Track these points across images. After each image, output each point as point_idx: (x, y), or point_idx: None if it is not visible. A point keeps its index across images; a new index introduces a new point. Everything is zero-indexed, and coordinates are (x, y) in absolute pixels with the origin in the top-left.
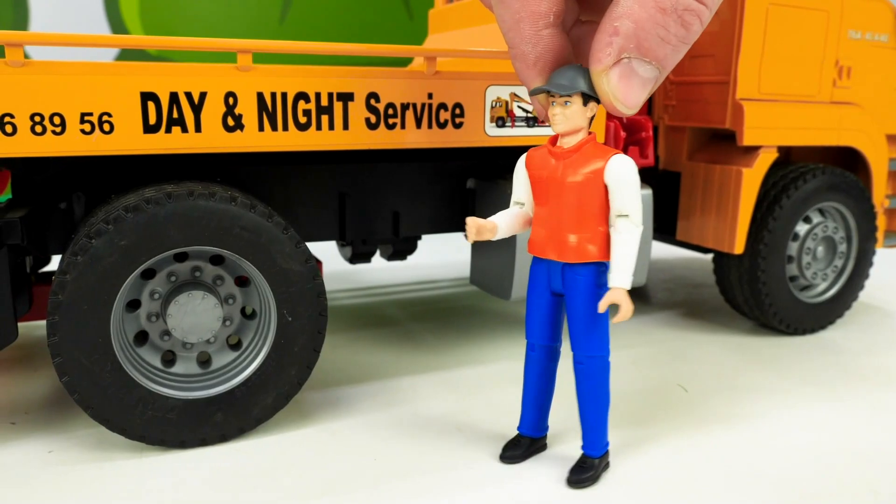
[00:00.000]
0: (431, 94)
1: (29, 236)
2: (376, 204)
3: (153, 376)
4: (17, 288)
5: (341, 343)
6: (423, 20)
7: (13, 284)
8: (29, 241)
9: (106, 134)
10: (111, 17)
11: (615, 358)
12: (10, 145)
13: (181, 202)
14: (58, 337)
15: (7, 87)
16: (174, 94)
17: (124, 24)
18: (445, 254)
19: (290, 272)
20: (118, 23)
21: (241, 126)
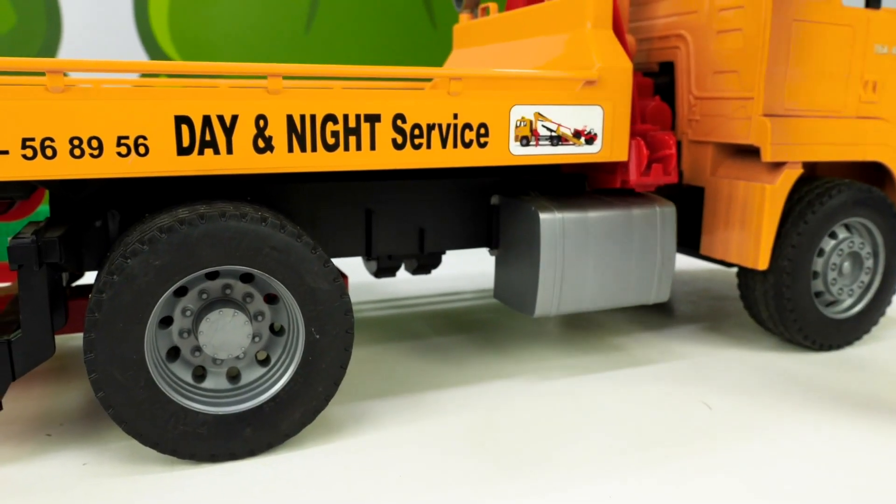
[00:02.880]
0: (457, 114)
1: (66, 254)
2: (402, 220)
3: (184, 391)
4: (53, 303)
5: (367, 356)
6: (447, 28)
7: (50, 300)
8: (66, 259)
9: (141, 156)
10: (140, 25)
11: (633, 375)
12: (51, 168)
13: (213, 223)
14: (94, 354)
15: (48, 112)
16: (207, 118)
17: (153, 32)
18: (468, 265)
19: (318, 291)
20: (147, 31)
21: (271, 148)
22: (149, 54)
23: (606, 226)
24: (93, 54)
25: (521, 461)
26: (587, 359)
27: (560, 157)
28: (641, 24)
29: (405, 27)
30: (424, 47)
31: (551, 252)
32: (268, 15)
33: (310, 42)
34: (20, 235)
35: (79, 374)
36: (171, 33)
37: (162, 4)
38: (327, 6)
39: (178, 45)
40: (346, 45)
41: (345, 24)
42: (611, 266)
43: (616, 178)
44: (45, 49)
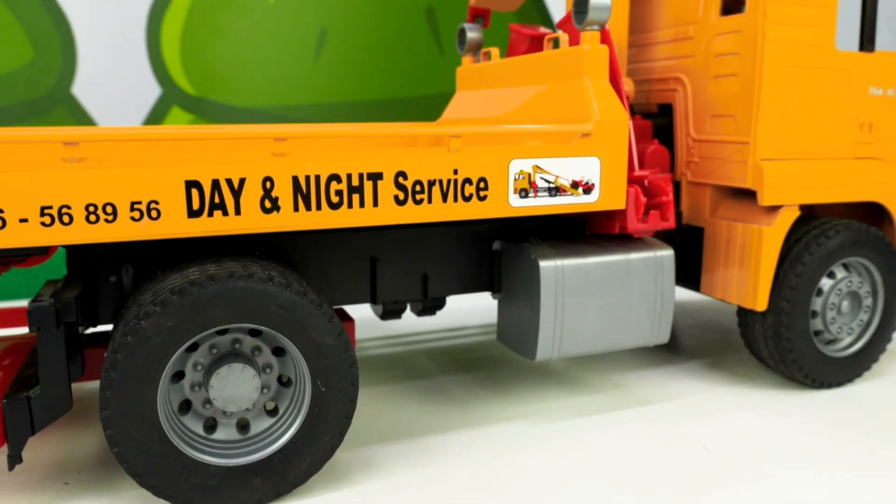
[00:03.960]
0: (457, 169)
1: (82, 311)
2: (406, 267)
3: (196, 444)
4: (70, 355)
5: (373, 397)
6: (454, 55)
7: (67, 353)
8: (82, 316)
9: (153, 220)
10: (152, 56)
11: (633, 415)
12: (67, 235)
13: (222, 284)
14: (109, 411)
15: (65, 181)
16: (216, 181)
17: (165, 63)
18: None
19: (323, 345)
20: (159, 62)
21: (277, 208)
22: (161, 85)
23: (605, 272)
24: (106, 86)
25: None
26: (589, 399)
27: (558, 208)
28: (640, 66)
29: (413, 54)
30: (432, 74)
31: (551, 299)
32: (277, 45)
33: (318, 70)
34: (39, 298)
35: (94, 419)
36: (183, 64)
37: (174, 36)
38: (336, 35)
39: (189, 75)
40: (355, 74)
41: (353, 53)
42: (610, 311)
43: (615, 224)
44: (60, 82)
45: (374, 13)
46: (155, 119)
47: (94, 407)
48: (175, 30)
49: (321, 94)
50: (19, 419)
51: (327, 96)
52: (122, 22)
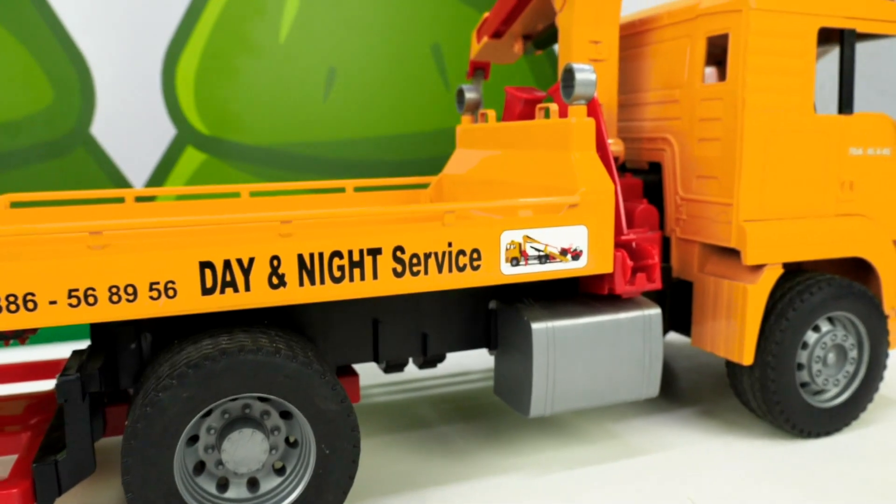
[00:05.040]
0: (451, 242)
1: (105, 380)
2: (406, 328)
3: (209, 503)
4: (93, 417)
5: (376, 447)
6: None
7: (91, 416)
8: (105, 384)
9: (170, 298)
10: (167, 97)
11: (626, 468)
12: (92, 314)
13: (233, 358)
14: (130, 476)
15: (91, 266)
16: (227, 262)
17: (179, 104)
18: None
19: (327, 412)
20: (174, 103)
21: (284, 283)
22: (176, 125)
23: (595, 331)
24: (124, 127)
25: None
26: (582, 450)
27: (548, 274)
28: (631, 125)
29: (419, 90)
30: (437, 109)
31: (543, 358)
32: (287, 84)
33: (327, 109)
34: (66, 371)
35: (115, 473)
36: (197, 104)
37: (188, 78)
38: (344, 74)
39: (203, 115)
40: (363, 110)
41: (361, 91)
42: (600, 368)
43: (604, 285)
44: (79, 123)
45: (380, 52)
46: (170, 158)
47: (113, 461)
48: (189, 71)
49: (331, 131)
50: (48, 482)
51: (336, 133)
52: (139, 64)
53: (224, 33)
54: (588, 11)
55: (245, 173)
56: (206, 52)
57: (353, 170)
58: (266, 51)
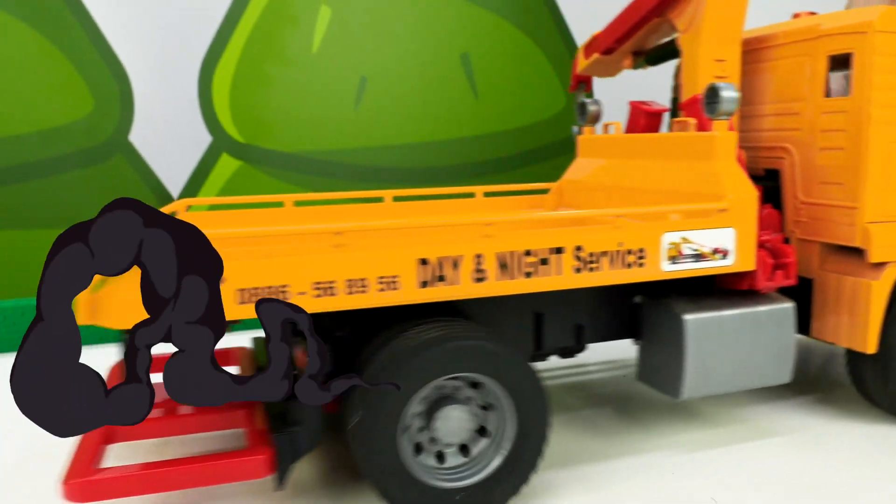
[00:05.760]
0: (622, 242)
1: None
2: (565, 320)
3: (433, 474)
4: None
5: None
6: (488, 99)
7: None
8: None
9: (394, 290)
10: (204, 106)
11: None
12: (332, 303)
13: (452, 342)
14: (365, 459)
15: (331, 262)
16: (441, 258)
17: (215, 113)
18: None
19: (525, 390)
20: (210, 112)
21: (485, 278)
22: (211, 133)
23: (738, 323)
24: (161, 134)
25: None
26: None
27: (700, 271)
28: (748, 135)
29: (448, 98)
30: (467, 117)
31: (694, 347)
32: (320, 93)
33: (358, 116)
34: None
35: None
36: (232, 112)
37: (224, 86)
38: (375, 82)
39: (238, 123)
40: (393, 118)
41: (391, 98)
42: (742, 356)
43: (744, 282)
44: (118, 131)
45: (411, 60)
46: (206, 165)
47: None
48: (225, 80)
49: (361, 138)
50: (287, 450)
51: (367, 140)
52: (177, 74)
53: (259, 43)
54: (714, 32)
55: (278, 180)
56: (242, 62)
57: (383, 176)
58: (299, 60)
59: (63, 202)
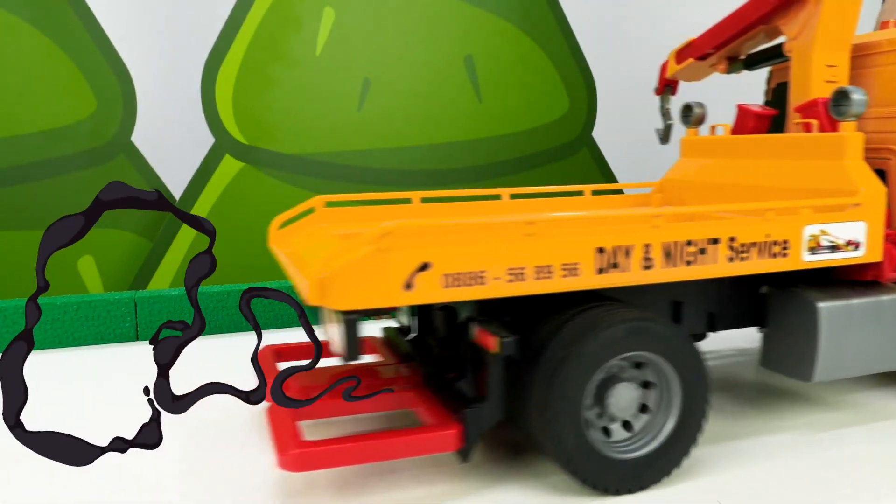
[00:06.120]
0: (769, 234)
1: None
2: (699, 308)
3: (609, 447)
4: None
5: None
6: (492, 102)
7: None
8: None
9: (575, 276)
10: (207, 108)
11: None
12: (522, 287)
13: (628, 323)
14: (559, 434)
15: (523, 250)
16: (615, 247)
17: (219, 114)
18: None
19: (689, 367)
20: (213, 113)
21: (651, 266)
22: (214, 134)
23: (865, 310)
24: (163, 135)
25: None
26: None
27: (835, 262)
28: None
29: (452, 101)
30: (471, 120)
31: (826, 333)
32: (323, 94)
33: (362, 119)
34: (503, 335)
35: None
36: (235, 114)
37: (227, 88)
38: (378, 85)
39: (241, 124)
40: (396, 121)
41: (394, 101)
42: (868, 341)
43: (869, 272)
44: (121, 132)
45: (414, 63)
46: (208, 166)
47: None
48: (228, 82)
49: (364, 140)
50: (475, 425)
51: (370, 143)
52: (180, 75)
53: (262, 45)
54: (828, 39)
55: (281, 181)
56: (245, 63)
57: (385, 179)
58: (303, 62)
59: (65, 203)
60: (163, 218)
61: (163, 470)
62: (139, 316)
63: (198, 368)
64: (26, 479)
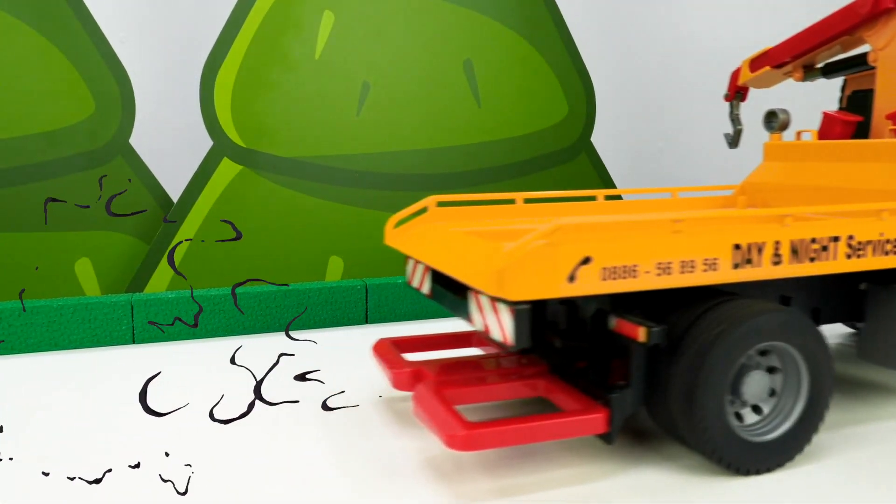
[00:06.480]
0: (883, 233)
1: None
2: (805, 304)
3: (744, 430)
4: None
5: None
6: (491, 107)
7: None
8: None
9: (714, 271)
10: (205, 111)
11: None
12: (668, 281)
13: (771, 314)
14: (707, 424)
15: (670, 246)
16: (749, 244)
17: (217, 118)
18: None
19: (817, 353)
20: (212, 117)
21: (780, 262)
22: (212, 137)
23: None
24: (161, 138)
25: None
26: None
27: None
28: None
29: (451, 105)
30: (470, 125)
31: None
32: (322, 99)
33: (360, 123)
34: (651, 326)
35: None
36: (233, 117)
37: (225, 91)
38: (378, 89)
39: (239, 127)
40: (395, 125)
41: (393, 105)
42: None
43: None
44: (119, 134)
45: (413, 67)
46: (206, 169)
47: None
48: (227, 85)
49: (363, 144)
50: (620, 409)
51: (369, 146)
52: (178, 77)
53: (261, 48)
54: None
55: (279, 184)
56: (244, 66)
57: (384, 183)
58: (302, 65)
59: (63, 205)
60: (159, 220)
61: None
62: (136, 319)
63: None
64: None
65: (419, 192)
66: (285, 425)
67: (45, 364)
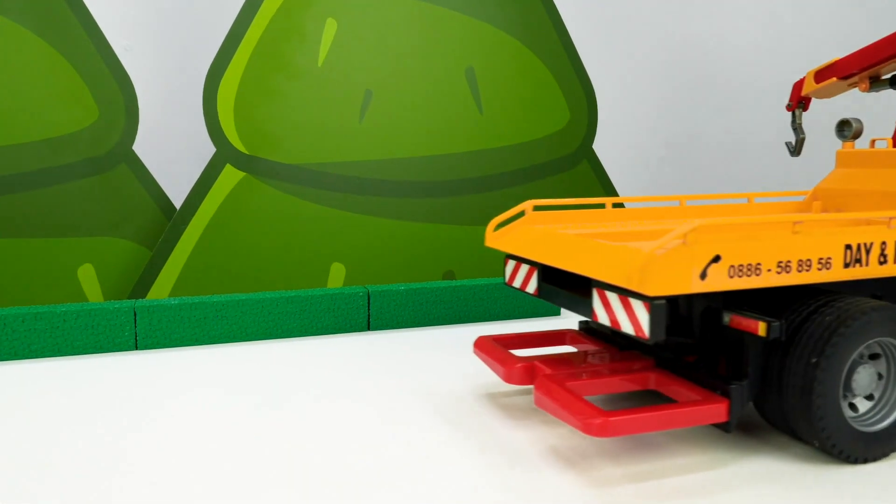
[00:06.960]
0: None
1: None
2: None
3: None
4: None
5: None
6: (493, 114)
7: None
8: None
9: (828, 270)
10: (208, 118)
11: None
12: (787, 279)
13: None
14: (824, 415)
15: (790, 245)
16: (859, 245)
17: (220, 124)
18: None
19: None
20: (214, 124)
21: (885, 262)
22: (215, 144)
23: None
24: (165, 144)
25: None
26: None
27: None
28: None
29: (453, 113)
30: (471, 131)
31: None
32: (324, 106)
33: (363, 129)
34: (769, 320)
35: None
36: (236, 124)
37: (229, 98)
38: (380, 96)
39: (242, 134)
40: (397, 132)
41: (396, 112)
42: None
43: None
44: (122, 141)
45: (416, 74)
46: (209, 176)
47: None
48: (230, 92)
49: (365, 151)
50: (739, 400)
51: (371, 154)
52: (182, 84)
53: (264, 55)
54: None
55: (282, 191)
56: (247, 73)
57: (386, 189)
58: (305, 73)
59: (67, 212)
60: (162, 227)
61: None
62: (138, 325)
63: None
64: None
65: (421, 199)
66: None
67: (48, 370)
